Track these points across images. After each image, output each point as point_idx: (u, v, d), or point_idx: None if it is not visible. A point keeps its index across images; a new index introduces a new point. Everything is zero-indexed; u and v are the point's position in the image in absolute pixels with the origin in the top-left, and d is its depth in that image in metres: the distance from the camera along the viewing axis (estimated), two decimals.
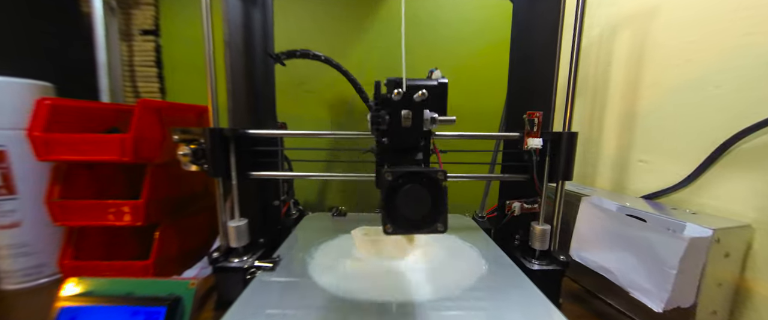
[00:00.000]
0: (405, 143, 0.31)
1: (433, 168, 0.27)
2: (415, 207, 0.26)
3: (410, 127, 0.29)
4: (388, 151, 0.31)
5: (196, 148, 0.39)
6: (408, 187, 0.26)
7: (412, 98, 0.29)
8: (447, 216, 0.26)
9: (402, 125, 0.29)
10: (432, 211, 0.26)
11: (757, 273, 0.34)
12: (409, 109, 0.29)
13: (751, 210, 0.35)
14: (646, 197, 0.47)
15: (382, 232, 0.38)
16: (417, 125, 0.29)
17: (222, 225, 0.41)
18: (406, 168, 0.26)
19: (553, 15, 0.40)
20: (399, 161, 0.31)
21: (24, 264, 0.47)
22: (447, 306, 0.32)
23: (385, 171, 0.25)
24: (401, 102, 0.29)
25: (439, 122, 0.31)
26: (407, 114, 0.29)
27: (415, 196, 0.26)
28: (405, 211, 0.26)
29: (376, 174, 0.34)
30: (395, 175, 0.25)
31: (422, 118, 0.29)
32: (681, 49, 0.43)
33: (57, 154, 0.43)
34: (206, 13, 0.38)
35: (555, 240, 0.42)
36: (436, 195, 0.26)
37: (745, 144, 0.36)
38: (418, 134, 0.30)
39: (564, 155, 0.39)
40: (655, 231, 0.36)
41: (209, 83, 0.39)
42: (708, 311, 0.35)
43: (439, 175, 0.26)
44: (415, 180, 0.26)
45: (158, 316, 0.28)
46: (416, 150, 0.31)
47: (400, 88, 0.29)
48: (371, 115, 0.30)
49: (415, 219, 0.26)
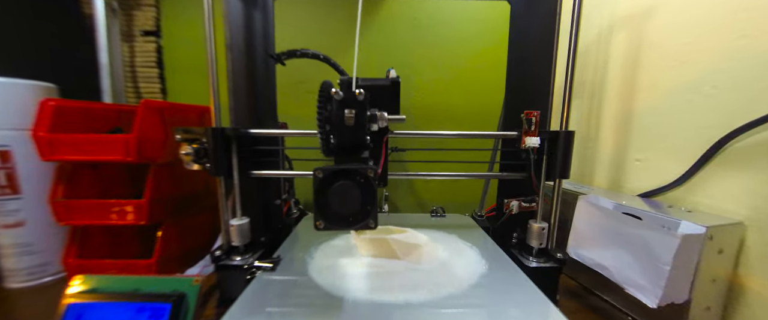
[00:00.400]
0: (349, 142, 0.30)
1: (362, 166, 0.27)
2: (345, 203, 0.26)
3: (354, 126, 0.29)
4: (335, 150, 0.31)
5: (198, 147, 0.39)
6: (338, 184, 0.26)
7: (355, 97, 0.29)
8: (377, 212, 0.27)
9: (345, 124, 0.29)
10: (363, 207, 0.26)
11: (749, 270, 0.35)
12: (353, 108, 0.29)
13: (744, 208, 0.35)
14: (642, 195, 0.47)
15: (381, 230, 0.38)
16: (360, 124, 0.29)
17: (224, 224, 0.42)
18: (337, 166, 0.27)
19: (551, 16, 0.40)
20: (346, 160, 0.30)
21: (28, 263, 0.47)
22: (447, 305, 0.32)
23: (315, 170, 0.26)
24: (344, 101, 0.29)
25: (389, 120, 0.31)
26: (349, 113, 0.29)
27: (345, 193, 0.26)
28: (336, 208, 0.26)
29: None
30: (325, 173, 0.26)
31: (365, 116, 0.29)
32: (677, 51, 0.43)
33: (61, 154, 0.44)
34: (208, 14, 0.38)
35: (552, 238, 0.43)
36: (366, 191, 0.26)
37: (737, 143, 0.36)
38: (363, 133, 0.30)
39: (561, 154, 0.40)
40: (651, 229, 0.36)
41: (211, 83, 0.39)
42: (702, 307, 0.35)
43: (368, 172, 0.26)
44: (344, 177, 0.26)
45: (163, 312, 0.28)
46: (362, 148, 0.31)
47: (336, 89, 0.28)
48: (317, 115, 0.30)
49: (345, 214, 0.27)
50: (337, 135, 0.30)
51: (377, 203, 0.27)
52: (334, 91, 0.28)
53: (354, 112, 0.29)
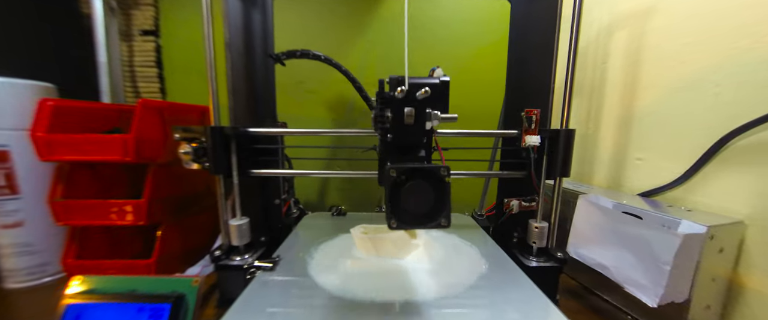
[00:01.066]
0: (408, 141, 0.31)
1: (436, 165, 0.27)
2: (418, 202, 0.26)
3: (413, 125, 0.30)
4: (391, 149, 0.31)
5: (198, 146, 0.39)
6: (412, 183, 0.26)
7: (415, 96, 0.29)
8: (450, 211, 0.27)
9: (405, 123, 0.29)
10: (435, 207, 0.26)
11: (749, 269, 0.35)
12: (412, 107, 0.29)
13: (744, 207, 0.35)
14: (642, 195, 0.47)
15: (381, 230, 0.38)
16: (420, 123, 0.30)
17: (223, 224, 0.42)
18: (410, 165, 0.27)
19: (551, 15, 0.40)
20: (402, 158, 0.31)
21: (27, 263, 0.47)
22: (447, 304, 0.32)
23: (389, 168, 0.26)
24: (404, 100, 0.29)
25: (442, 119, 0.31)
26: (410, 111, 0.29)
27: (419, 192, 0.26)
28: (409, 207, 0.26)
29: (379, 171, 0.35)
30: (399, 172, 0.26)
31: (425, 115, 0.30)
32: (677, 50, 0.43)
33: (59, 154, 0.44)
34: (207, 14, 0.38)
35: (552, 238, 0.43)
36: (439, 190, 0.26)
37: (738, 142, 0.36)
38: (421, 132, 0.30)
39: (561, 152, 0.40)
40: (651, 228, 0.36)
41: (210, 83, 0.39)
42: (702, 306, 0.35)
43: (442, 172, 0.26)
44: (419, 176, 0.26)
45: (163, 313, 0.28)
46: (419, 147, 0.32)
47: (403, 86, 0.29)
48: (375, 113, 0.30)
49: (418, 214, 0.26)
50: (396, 133, 0.30)
51: (450, 203, 0.27)
52: (400, 89, 0.28)
53: (414, 111, 0.29)
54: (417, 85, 0.29)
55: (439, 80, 0.31)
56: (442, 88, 0.31)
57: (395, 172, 0.26)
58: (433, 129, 0.32)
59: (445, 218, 0.26)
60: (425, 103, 0.30)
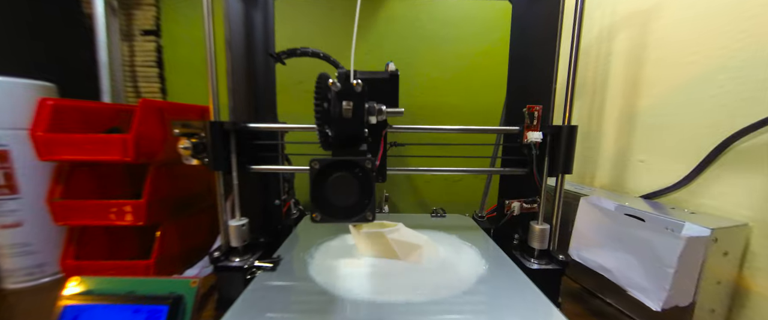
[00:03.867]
0: (347, 135, 0.30)
1: (361, 157, 0.27)
2: (342, 195, 0.26)
3: (352, 118, 0.29)
4: (333, 144, 0.30)
5: (197, 141, 0.39)
6: (335, 176, 0.26)
7: (353, 89, 0.28)
8: (375, 205, 0.26)
9: (343, 116, 0.29)
10: (360, 199, 0.26)
11: (754, 272, 0.35)
12: (350, 101, 0.28)
13: (749, 210, 0.35)
14: (645, 197, 0.47)
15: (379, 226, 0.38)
16: (358, 116, 0.29)
17: (223, 225, 0.42)
18: (334, 158, 0.26)
19: (552, 14, 0.40)
20: (344, 153, 0.30)
21: (26, 264, 0.47)
22: (448, 307, 0.32)
23: (311, 161, 0.26)
24: (342, 92, 0.28)
25: (388, 113, 0.30)
26: (347, 104, 0.28)
27: (343, 185, 0.26)
28: (333, 200, 0.26)
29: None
30: (323, 164, 0.26)
31: (364, 108, 0.29)
32: (681, 50, 0.43)
33: (59, 153, 0.43)
34: (207, 13, 0.38)
35: (554, 240, 0.42)
36: (364, 183, 0.26)
37: (742, 144, 0.36)
38: (360, 125, 0.30)
39: (564, 149, 0.39)
40: (654, 231, 0.36)
41: (210, 82, 0.39)
42: (706, 309, 0.35)
43: (366, 163, 0.26)
44: (343, 168, 0.26)
45: (160, 315, 0.28)
46: (361, 141, 0.31)
47: (336, 80, 0.28)
48: (315, 107, 0.30)
49: (344, 207, 0.26)
50: (335, 127, 0.29)
51: (375, 195, 0.26)
52: (332, 81, 0.28)
53: (352, 104, 0.28)
54: (364, 80, 0.28)
55: (388, 74, 0.31)
56: (391, 81, 0.31)
57: (318, 164, 0.26)
58: (388, 124, 0.31)
59: (370, 211, 0.26)
60: (363, 96, 0.29)
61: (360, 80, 0.28)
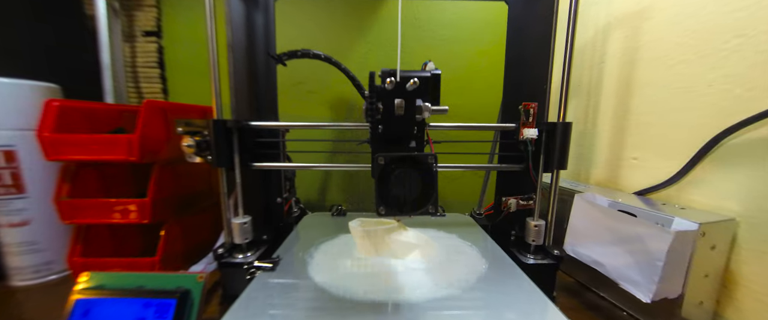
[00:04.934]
0: (398, 132, 0.31)
1: (424, 153, 0.28)
2: (406, 189, 0.27)
3: (403, 116, 0.30)
4: (382, 141, 0.32)
5: (200, 139, 0.40)
6: (400, 171, 0.27)
7: (405, 87, 0.29)
8: (437, 198, 0.27)
9: (395, 114, 0.30)
10: (423, 194, 0.27)
11: (741, 265, 0.36)
12: (402, 98, 0.30)
13: (736, 205, 0.36)
14: (637, 193, 0.48)
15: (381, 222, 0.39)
16: (409, 114, 0.30)
17: (226, 223, 0.43)
18: (398, 153, 0.27)
19: (548, 14, 0.41)
20: (392, 149, 0.31)
21: (33, 261, 0.48)
22: (447, 303, 0.33)
23: (377, 156, 0.27)
24: (394, 91, 0.29)
25: (432, 111, 0.31)
26: (400, 103, 0.30)
27: (407, 180, 0.27)
28: (397, 194, 0.27)
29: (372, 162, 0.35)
30: (387, 160, 0.27)
31: (415, 106, 0.30)
32: (672, 50, 0.44)
33: (65, 153, 0.44)
34: (209, 14, 0.39)
35: (549, 236, 0.44)
36: (427, 178, 0.27)
37: (731, 141, 0.37)
38: (411, 123, 0.31)
39: (559, 145, 0.40)
40: (645, 226, 0.37)
41: (213, 82, 0.40)
42: (695, 302, 0.36)
43: (429, 160, 0.27)
44: (407, 164, 0.27)
45: (169, 308, 0.29)
46: (409, 138, 0.32)
47: (393, 78, 0.29)
48: (366, 105, 0.31)
49: (406, 201, 0.27)
50: (386, 124, 0.30)
51: (437, 191, 0.27)
52: (390, 80, 0.28)
53: (404, 102, 0.29)
54: (408, 78, 0.29)
55: (430, 73, 0.32)
56: (433, 80, 0.32)
57: (384, 160, 0.27)
58: (426, 122, 0.32)
59: (433, 205, 0.27)
60: (415, 94, 0.30)
61: (416, 79, 0.29)
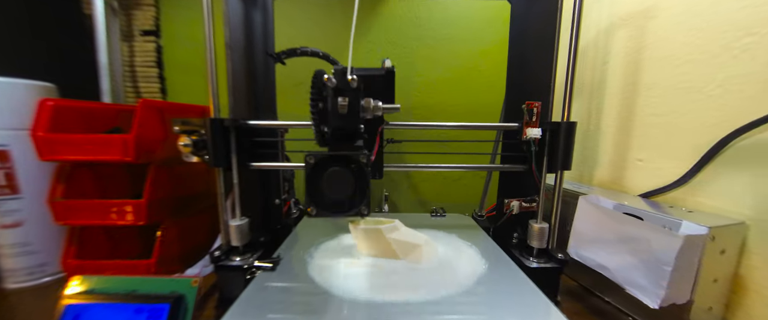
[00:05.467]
0: (343, 130, 0.30)
1: (356, 152, 0.27)
2: (337, 189, 0.26)
3: (347, 114, 0.29)
4: (329, 139, 0.31)
5: (197, 138, 0.39)
6: (331, 170, 0.26)
7: (348, 85, 0.28)
8: (370, 198, 0.26)
9: (338, 112, 0.29)
10: (355, 194, 0.26)
11: (751, 270, 0.35)
12: (345, 97, 0.28)
13: (746, 208, 0.35)
14: (643, 196, 0.47)
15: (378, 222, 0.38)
16: (354, 112, 0.29)
17: (223, 224, 0.42)
18: (329, 152, 0.26)
19: (551, 12, 0.40)
20: (340, 149, 0.30)
21: (27, 263, 0.47)
22: (447, 305, 0.32)
23: (307, 155, 0.26)
24: (337, 88, 0.28)
25: (384, 110, 0.30)
26: (343, 100, 0.28)
27: (338, 179, 0.26)
28: (328, 194, 0.26)
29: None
30: (317, 158, 0.26)
31: (359, 104, 0.29)
32: (679, 49, 0.43)
33: (60, 153, 0.44)
34: (207, 13, 0.38)
35: (553, 239, 0.43)
36: (359, 178, 0.26)
37: (740, 142, 0.36)
38: (356, 121, 0.30)
39: (563, 145, 0.39)
40: (652, 229, 0.36)
41: (210, 82, 0.39)
42: (704, 307, 0.35)
43: (362, 158, 0.26)
44: (338, 163, 0.26)
45: (161, 313, 0.28)
46: (356, 137, 0.31)
47: (328, 75, 0.28)
48: (310, 104, 0.30)
49: (338, 201, 0.27)
50: (331, 123, 0.29)
51: (370, 190, 0.26)
52: (328, 77, 0.28)
53: (347, 100, 0.28)
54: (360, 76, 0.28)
55: (384, 70, 0.31)
56: (387, 78, 0.31)
57: (313, 159, 0.26)
58: (384, 120, 0.32)
59: (365, 206, 0.26)
60: (359, 92, 0.29)
61: (356, 76, 0.28)
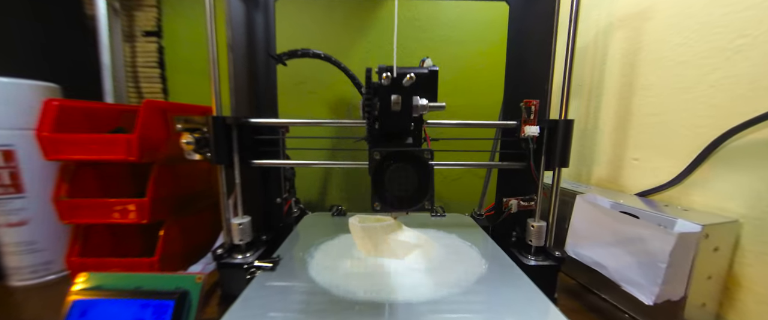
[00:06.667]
0: (395, 127, 0.31)
1: (420, 149, 0.27)
2: (402, 185, 0.27)
3: (399, 112, 0.30)
4: (379, 136, 0.31)
5: (200, 136, 0.39)
6: (395, 166, 0.27)
7: (402, 83, 0.29)
8: (433, 194, 0.27)
9: (391, 110, 0.30)
10: (418, 189, 0.27)
11: (744, 267, 0.35)
12: (399, 95, 0.29)
13: (740, 206, 0.36)
14: (639, 194, 0.48)
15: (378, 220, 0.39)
16: (406, 109, 0.30)
17: (225, 223, 0.42)
18: (394, 148, 0.27)
19: (549, 13, 0.41)
20: (390, 146, 0.31)
21: (32, 261, 0.48)
22: (446, 303, 0.32)
23: (373, 151, 0.26)
24: (391, 87, 0.29)
25: (430, 108, 0.31)
26: (397, 99, 0.29)
27: (403, 175, 0.27)
28: (392, 189, 0.27)
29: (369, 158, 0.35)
30: (383, 155, 0.26)
31: (411, 102, 0.30)
32: (674, 51, 0.44)
33: (64, 153, 0.44)
34: (210, 15, 0.38)
35: (551, 237, 0.43)
36: (422, 173, 0.27)
37: (733, 142, 0.37)
38: (408, 118, 0.30)
39: (561, 142, 0.40)
40: (647, 227, 0.37)
41: (213, 82, 0.40)
42: (697, 304, 0.36)
43: (425, 155, 0.27)
44: (403, 159, 0.26)
45: (167, 309, 0.29)
46: (406, 134, 0.32)
47: (390, 73, 0.29)
48: (363, 100, 0.31)
49: (402, 197, 0.27)
50: (383, 120, 0.30)
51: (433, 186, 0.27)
52: (386, 75, 0.28)
53: (401, 98, 0.29)
54: (403, 74, 0.29)
55: (428, 70, 0.32)
56: (430, 77, 0.32)
57: (379, 155, 0.27)
58: (423, 119, 0.32)
59: (429, 201, 0.27)
60: (412, 90, 0.30)
61: (413, 75, 0.28)
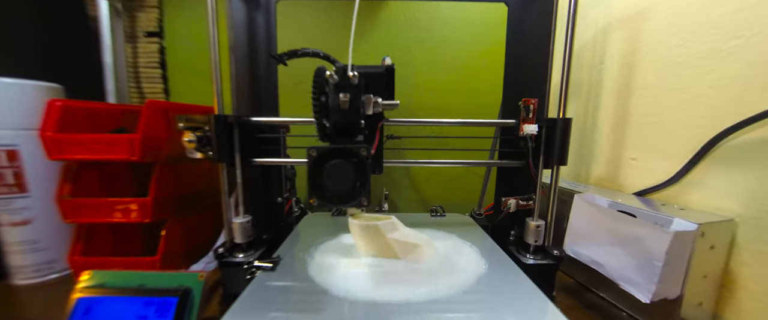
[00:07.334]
0: (344, 126, 0.31)
1: (356, 145, 0.28)
2: (338, 181, 0.27)
3: (348, 110, 0.30)
4: (332, 134, 0.32)
5: (201, 135, 0.40)
6: (332, 163, 0.27)
7: (349, 82, 0.29)
8: (370, 190, 0.27)
9: (340, 107, 0.30)
10: (356, 186, 0.27)
11: (740, 266, 0.36)
12: (347, 93, 0.29)
13: (735, 205, 0.36)
14: (637, 194, 0.48)
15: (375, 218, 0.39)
16: (354, 107, 0.30)
17: (227, 222, 0.43)
18: (330, 146, 0.27)
19: (547, 13, 0.41)
20: (339, 143, 0.31)
21: (35, 260, 0.48)
22: (446, 303, 0.32)
23: (309, 149, 0.27)
24: (339, 85, 0.29)
25: (383, 106, 0.31)
26: (344, 96, 0.29)
27: (339, 171, 0.27)
28: (329, 186, 0.27)
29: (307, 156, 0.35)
30: (319, 152, 0.27)
31: (359, 100, 0.30)
32: (671, 51, 0.44)
33: (68, 153, 0.45)
34: (211, 15, 0.39)
35: (549, 236, 0.44)
36: (359, 170, 0.27)
37: (729, 141, 0.37)
38: (356, 116, 0.30)
39: (559, 140, 0.40)
40: (644, 226, 0.37)
41: (214, 82, 0.40)
42: (694, 302, 0.36)
43: (362, 151, 0.27)
44: (339, 155, 0.27)
45: (170, 306, 0.29)
46: (357, 132, 0.32)
47: (330, 72, 0.29)
48: (312, 100, 0.31)
49: (339, 193, 0.27)
50: (332, 118, 0.30)
51: (370, 182, 0.27)
52: (330, 73, 0.29)
53: (349, 96, 0.29)
54: (361, 73, 0.29)
55: (384, 68, 0.32)
56: (387, 75, 0.32)
57: (315, 152, 0.27)
58: (383, 116, 0.32)
59: (365, 197, 0.27)
60: (360, 88, 0.30)
61: (357, 73, 0.29)
